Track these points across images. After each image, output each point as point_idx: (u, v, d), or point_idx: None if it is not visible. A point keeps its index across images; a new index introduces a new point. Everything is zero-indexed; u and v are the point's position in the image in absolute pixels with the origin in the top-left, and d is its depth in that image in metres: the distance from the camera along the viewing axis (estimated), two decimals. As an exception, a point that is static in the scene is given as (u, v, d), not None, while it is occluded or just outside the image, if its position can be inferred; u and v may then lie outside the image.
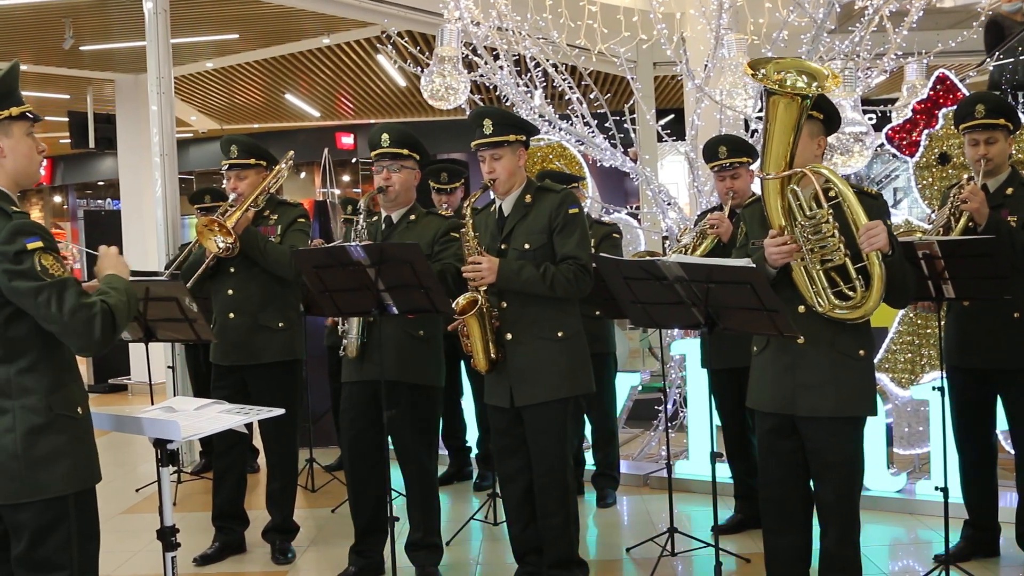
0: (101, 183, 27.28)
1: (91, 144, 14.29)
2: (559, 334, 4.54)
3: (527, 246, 4.54)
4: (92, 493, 3.30)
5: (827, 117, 3.97)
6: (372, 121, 20.40)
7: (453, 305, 4.51)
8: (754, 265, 3.61)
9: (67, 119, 14.58)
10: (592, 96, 7.72)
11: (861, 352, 3.93)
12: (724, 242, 5.47)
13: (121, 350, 12.39)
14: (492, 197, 4.76)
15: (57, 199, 29.23)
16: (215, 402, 3.76)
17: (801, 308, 3.88)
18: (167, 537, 3.53)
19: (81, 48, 12.59)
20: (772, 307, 3.57)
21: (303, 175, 25.28)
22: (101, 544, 3.37)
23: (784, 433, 4.01)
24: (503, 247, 4.59)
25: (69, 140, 14.83)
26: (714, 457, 3.92)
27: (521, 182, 4.69)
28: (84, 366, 12.75)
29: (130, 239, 13.27)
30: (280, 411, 3.68)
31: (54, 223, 28.73)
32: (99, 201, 28.08)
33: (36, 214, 28.94)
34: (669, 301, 3.87)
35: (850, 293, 3.81)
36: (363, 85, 17.03)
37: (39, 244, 3.08)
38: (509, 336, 4.57)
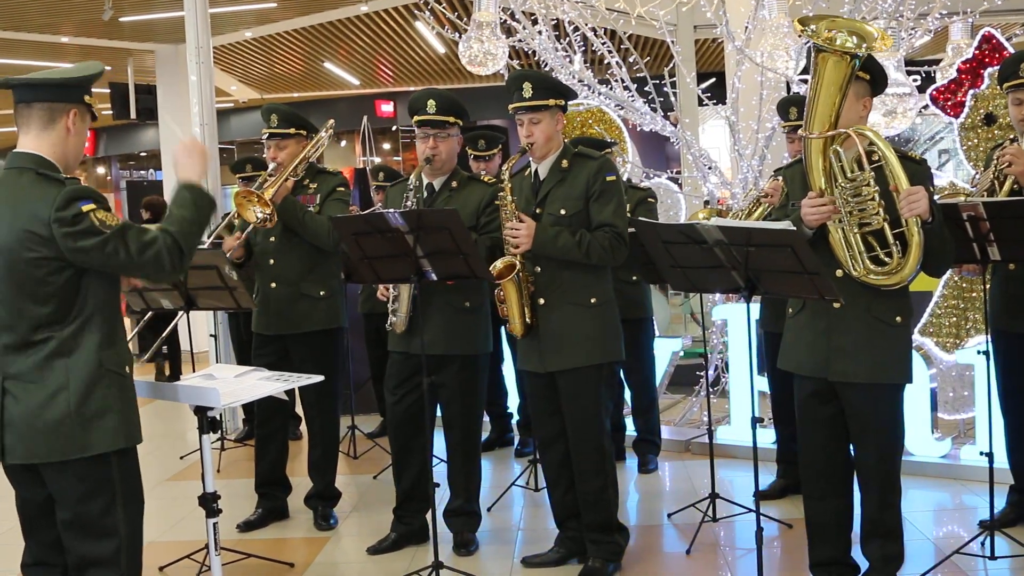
0: (143, 154, 27.46)
1: (132, 115, 14.40)
2: (592, 300, 4.53)
3: (563, 211, 4.52)
4: (134, 454, 3.35)
5: (874, 78, 3.90)
6: (411, 88, 20.38)
7: (491, 270, 4.51)
8: (793, 228, 3.56)
9: (108, 90, 14.67)
10: (631, 60, 7.64)
11: (898, 319, 3.88)
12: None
13: (170, 318, 12.46)
14: (528, 160, 4.73)
15: (100, 170, 29.47)
16: (255, 369, 3.79)
17: (839, 272, 3.83)
18: (209, 504, 3.58)
19: (121, 19, 12.65)
20: (813, 270, 3.53)
21: (343, 143, 25.32)
22: (147, 510, 3.42)
23: (824, 398, 3.98)
24: (538, 211, 4.57)
25: (111, 111, 14.93)
26: (755, 422, 3.89)
27: (558, 147, 4.66)
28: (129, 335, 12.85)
29: (173, 209, 13.33)
30: (319, 378, 3.70)
31: (99, 194, 28.96)
32: (142, 172, 28.27)
33: (80, 185, 29.19)
34: (709, 265, 3.83)
35: (886, 259, 3.75)
36: (402, 52, 17.02)
37: (92, 205, 3.18)
38: (542, 301, 4.56)
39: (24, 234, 3.13)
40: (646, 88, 7.73)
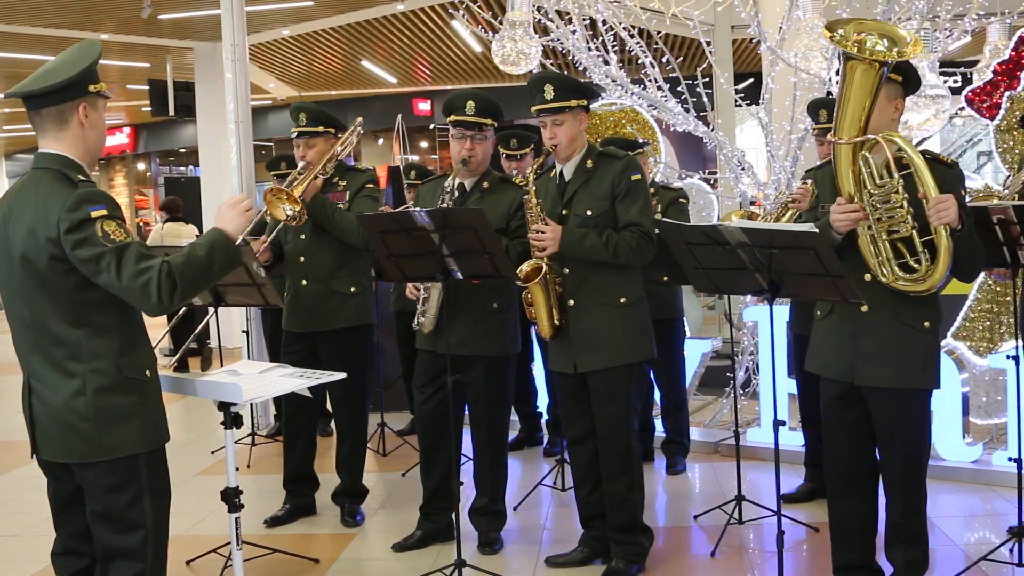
0: (183, 150, 27.71)
1: (171, 112, 14.52)
2: (621, 300, 4.53)
3: (589, 212, 4.52)
4: (162, 452, 3.37)
5: (906, 79, 3.86)
6: (448, 87, 20.42)
7: (517, 272, 4.51)
8: (817, 231, 3.54)
9: (147, 87, 14.80)
10: (664, 60, 7.61)
11: (926, 324, 3.84)
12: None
13: (202, 315, 12.58)
14: (553, 161, 4.73)
15: (140, 166, 29.72)
16: (279, 366, 3.81)
17: (867, 276, 3.81)
18: (231, 499, 3.61)
19: (160, 17, 12.75)
20: (836, 273, 3.50)
21: (381, 141, 25.41)
22: (176, 504, 3.44)
23: (850, 401, 3.95)
24: (564, 212, 4.57)
25: (150, 108, 15.06)
26: (777, 425, 3.87)
27: (582, 147, 4.66)
28: (160, 331, 12.96)
29: (209, 205, 13.46)
30: (341, 375, 3.71)
31: (138, 190, 29.27)
32: (181, 168, 28.54)
33: (120, 180, 29.52)
34: (732, 266, 3.81)
35: (915, 266, 3.72)
36: (439, 51, 17.05)
37: (103, 212, 3.15)
38: (572, 302, 4.57)
39: (40, 235, 3.13)
40: (679, 88, 7.69)
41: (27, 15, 12.82)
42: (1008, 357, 4.86)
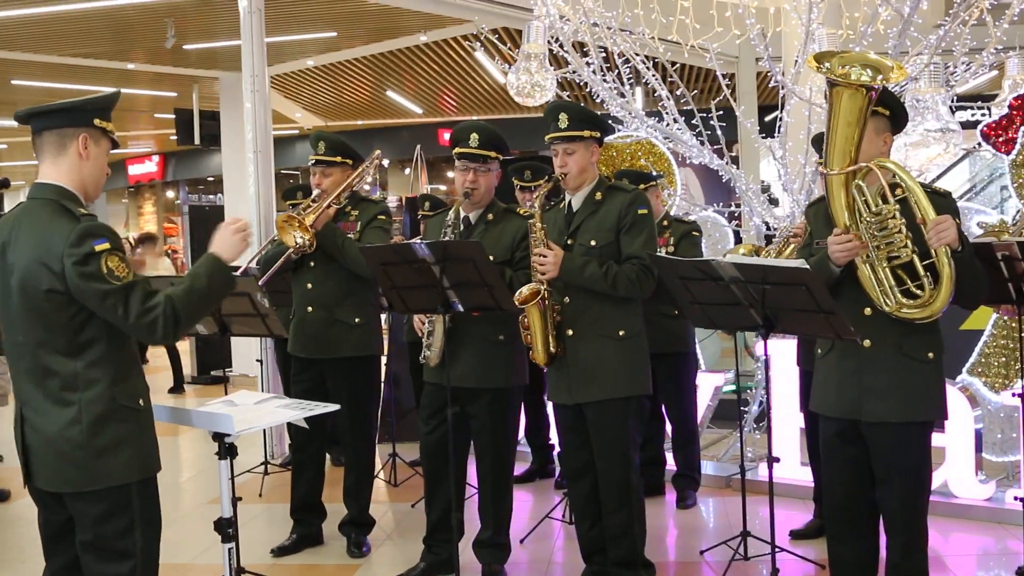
0: (211, 179, 27.93)
1: (196, 140, 14.65)
2: (620, 333, 4.52)
3: (593, 243, 4.52)
4: (154, 482, 3.38)
5: (893, 113, 3.82)
6: (475, 117, 20.51)
7: (516, 295, 4.51)
8: (808, 267, 3.51)
9: (174, 116, 14.96)
10: (679, 93, 7.62)
11: (930, 355, 3.79)
12: None
13: (222, 343, 12.66)
14: (563, 194, 4.75)
15: (170, 194, 30.00)
16: (275, 396, 3.82)
17: (867, 310, 3.76)
18: (224, 529, 3.61)
19: (185, 47, 12.89)
20: (828, 309, 3.48)
21: (407, 171, 25.48)
22: (181, 532, 3.45)
23: (849, 438, 3.90)
24: (569, 242, 4.58)
25: (175, 137, 15.21)
26: (771, 461, 3.84)
27: (592, 179, 4.67)
28: (187, 358, 13.04)
29: (233, 234, 13.51)
30: (335, 407, 3.72)
31: (166, 217, 29.54)
32: (210, 196, 28.74)
33: (148, 208, 29.78)
34: (727, 302, 3.80)
35: (918, 291, 3.67)
36: (464, 82, 17.13)
37: (106, 246, 3.18)
38: (570, 332, 4.56)
39: (39, 266, 3.15)
40: (693, 121, 7.69)
41: (57, 44, 13.01)
42: (1014, 395, 4.79)
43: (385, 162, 25.03)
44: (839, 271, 3.78)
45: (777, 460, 3.76)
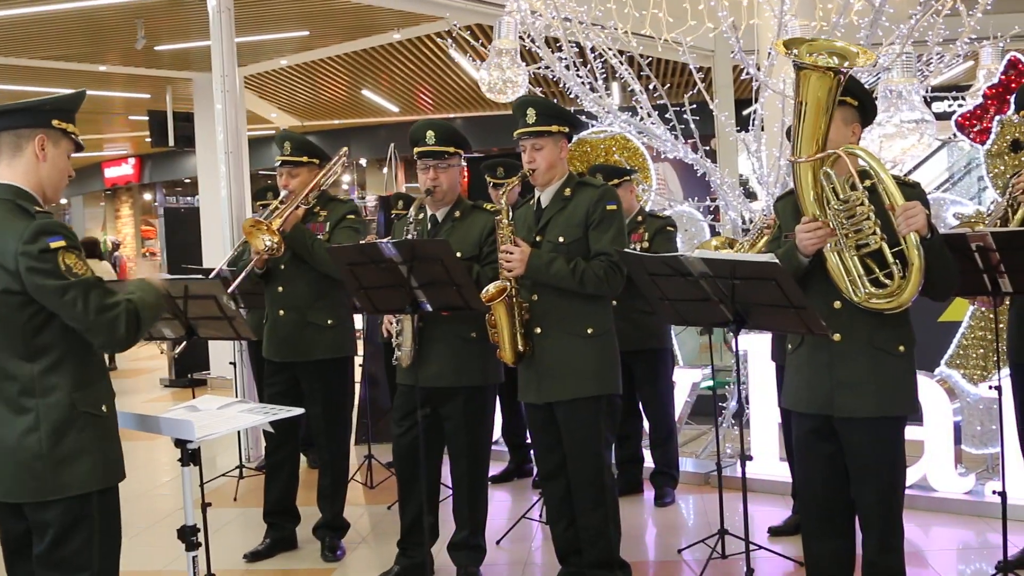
0: (187, 180, 27.78)
1: (170, 142, 14.54)
2: (589, 331, 4.45)
3: (561, 239, 4.47)
4: (115, 491, 3.31)
5: (862, 104, 3.76)
6: (451, 116, 20.43)
7: (482, 292, 4.44)
8: (777, 261, 3.45)
9: (147, 118, 14.84)
10: (651, 87, 7.57)
11: (901, 348, 3.71)
12: None
13: (201, 346, 12.55)
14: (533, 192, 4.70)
15: (147, 196, 29.84)
16: (238, 401, 3.75)
17: (837, 304, 3.68)
18: (187, 536, 3.54)
19: (157, 48, 12.78)
20: (798, 304, 3.42)
21: (385, 170, 25.41)
22: (155, 540, 3.38)
23: (823, 435, 3.82)
24: (538, 239, 4.53)
25: (150, 139, 15.11)
26: (744, 459, 3.78)
27: (562, 175, 4.62)
28: (165, 361, 12.95)
29: (208, 235, 13.42)
30: (299, 410, 3.65)
31: (144, 220, 29.38)
32: (187, 198, 28.63)
33: (126, 211, 29.63)
34: (696, 298, 3.74)
35: (887, 281, 3.58)
36: (440, 79, 17.04)
37: (62, 243, 3.11)
38: (538, 330, 4.50)
39: None
40: (667, 115, 7.64)
41: (27, 47, 12.86)
42: (991, 387, 4.75)
43: (363, 161, 24.94)
44: (807, 262, 3.69)
45: (750, 458, 3.69)
